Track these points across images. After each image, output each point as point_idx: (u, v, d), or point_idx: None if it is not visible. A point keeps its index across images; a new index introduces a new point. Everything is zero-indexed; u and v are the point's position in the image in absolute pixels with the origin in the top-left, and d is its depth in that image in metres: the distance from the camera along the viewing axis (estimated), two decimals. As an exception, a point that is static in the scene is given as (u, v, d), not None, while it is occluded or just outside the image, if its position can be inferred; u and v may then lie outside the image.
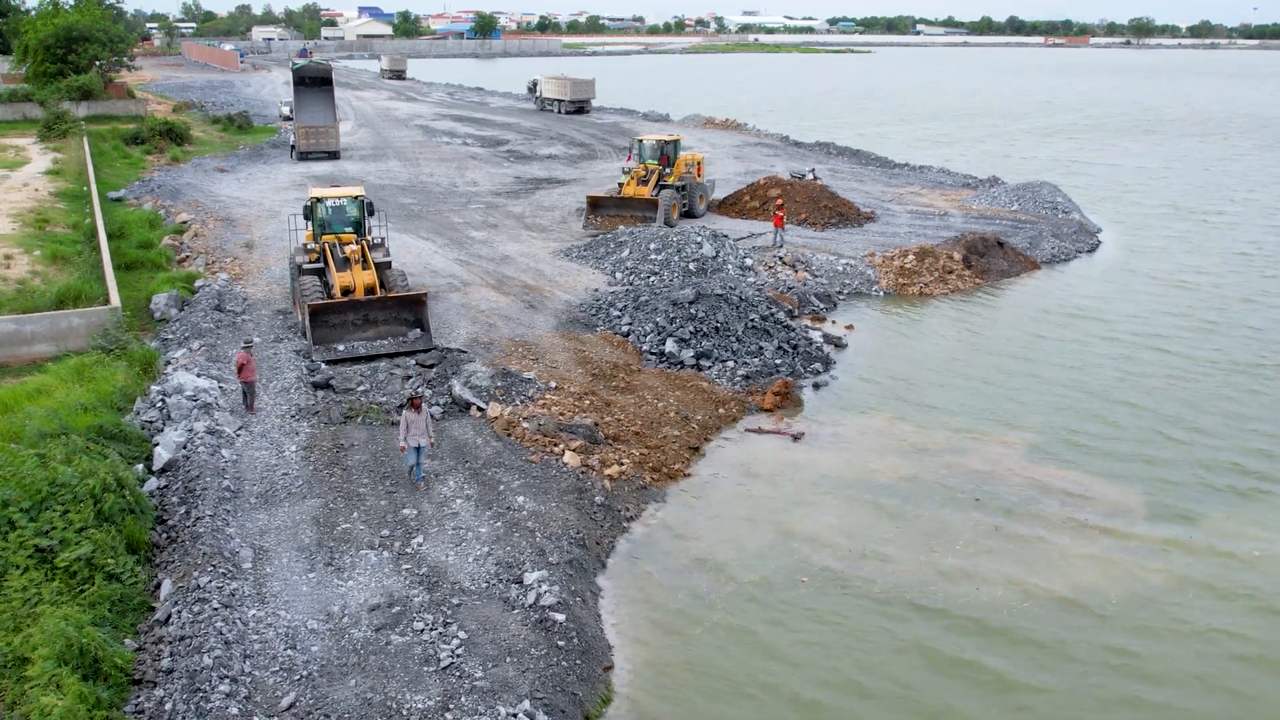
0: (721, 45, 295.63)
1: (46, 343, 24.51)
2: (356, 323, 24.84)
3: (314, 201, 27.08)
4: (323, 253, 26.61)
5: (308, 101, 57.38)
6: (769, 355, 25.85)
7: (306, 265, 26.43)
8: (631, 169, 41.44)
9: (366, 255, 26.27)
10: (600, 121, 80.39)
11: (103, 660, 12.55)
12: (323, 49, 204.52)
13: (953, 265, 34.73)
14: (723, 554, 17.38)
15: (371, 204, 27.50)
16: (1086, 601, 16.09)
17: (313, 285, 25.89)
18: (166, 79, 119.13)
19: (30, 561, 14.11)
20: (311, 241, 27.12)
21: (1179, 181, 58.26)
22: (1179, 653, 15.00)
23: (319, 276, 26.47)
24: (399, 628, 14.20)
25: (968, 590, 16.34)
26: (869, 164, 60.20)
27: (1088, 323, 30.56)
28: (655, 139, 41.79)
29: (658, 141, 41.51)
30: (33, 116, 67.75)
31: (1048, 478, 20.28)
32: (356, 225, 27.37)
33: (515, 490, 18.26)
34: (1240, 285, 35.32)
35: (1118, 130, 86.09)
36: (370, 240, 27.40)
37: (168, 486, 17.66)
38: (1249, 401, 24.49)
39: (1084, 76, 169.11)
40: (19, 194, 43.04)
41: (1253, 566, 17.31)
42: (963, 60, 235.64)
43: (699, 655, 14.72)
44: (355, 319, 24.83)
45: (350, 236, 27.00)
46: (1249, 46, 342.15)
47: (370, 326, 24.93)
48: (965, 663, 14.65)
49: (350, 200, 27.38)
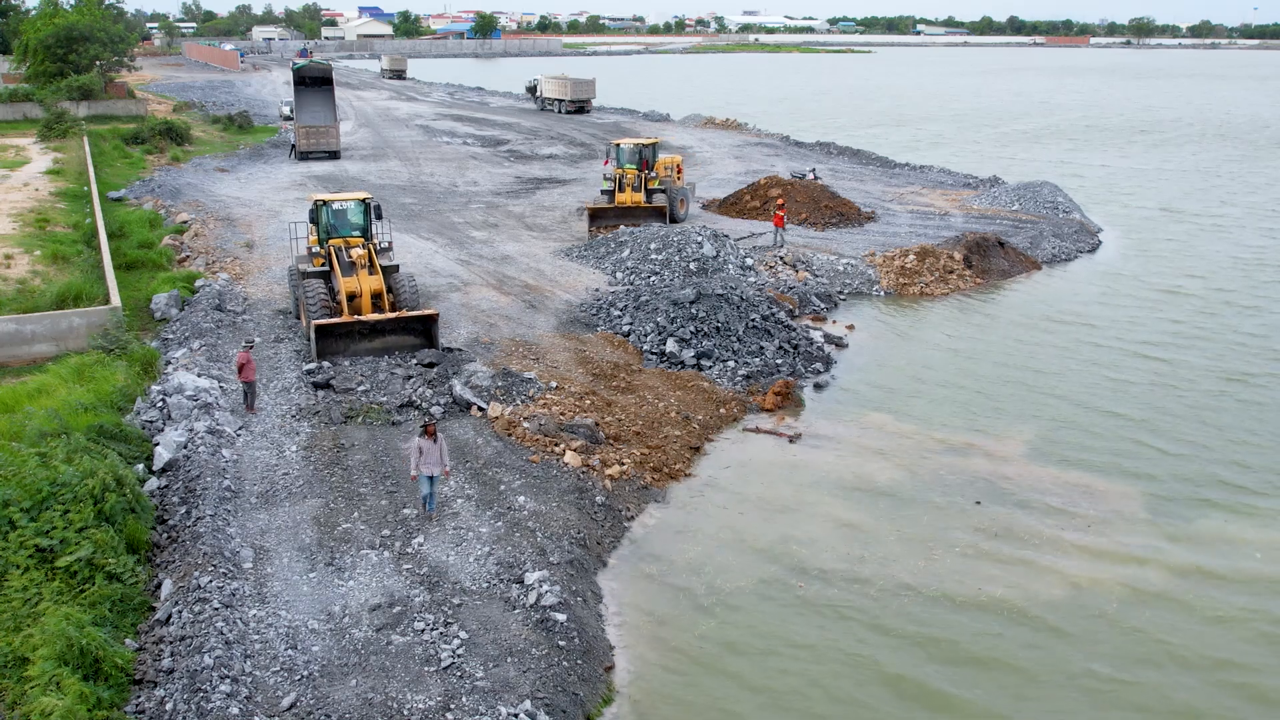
0: (722, 45, 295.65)
1: (47, 343, 24.51)
2: (363, 332, 24.16)
3: (319, 205, 26.51)
4: (329, 257, 25.99)
5: (308, 101, 57.41)
6: (770, 355, 25.84)
7: (312, 270, 25.76)
8: (610, 174, 40.20)
9: (374, 260, 25.60)
10: (601, 121, 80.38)
11: (103, 660, 12.54)
12: (323, 49, 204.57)
13: (953, 265, 34.71)
14: (723, 554, 17.36)
15: (379, 207, 26.85)
16: (1086, 604, 16.07)
17: (318, 290, 25.07)
18: (167, 79, 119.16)
19: (31, 561, 14.10)
20: (316, 245, 26.47)
21: (1176, 186, 58.24)
22: (1179, 653, 14.98)
23: (324, 281, 25.80)
24: (400, 628, 14.18)
25: (967, 591, 16.32)
26: (869, 164, 60.20)
27: (1088, 323, 30.53)
28: (633, 143, 40.48)
29: (635, 145, 40.26)
30: (33, 116, 67.80)
31: (1047, 479, 20.26)
32: (363, 229, 26.77)
33: (516, 490, 18.25)
34: (1240, 287, 35.29)
35: (1113, 135, 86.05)
36: (377, 244, 26.88)
37: (168, 486, 17.66)
38: (1249, 402, 24.47)
39: (1074, 79, 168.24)
40: (19, 194, 43.05)
41: (1252, 567, 17.29)
42: (958, 60, 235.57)
43: (700, 655, 14.71)
44: (362, 328, 24.12)
45: (357, 240, 26.40)
46: (1249, 46, 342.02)
47: (378, 336, 24.24)
48: (963, 664, 14.64)
49: (356, 204, 26.80)
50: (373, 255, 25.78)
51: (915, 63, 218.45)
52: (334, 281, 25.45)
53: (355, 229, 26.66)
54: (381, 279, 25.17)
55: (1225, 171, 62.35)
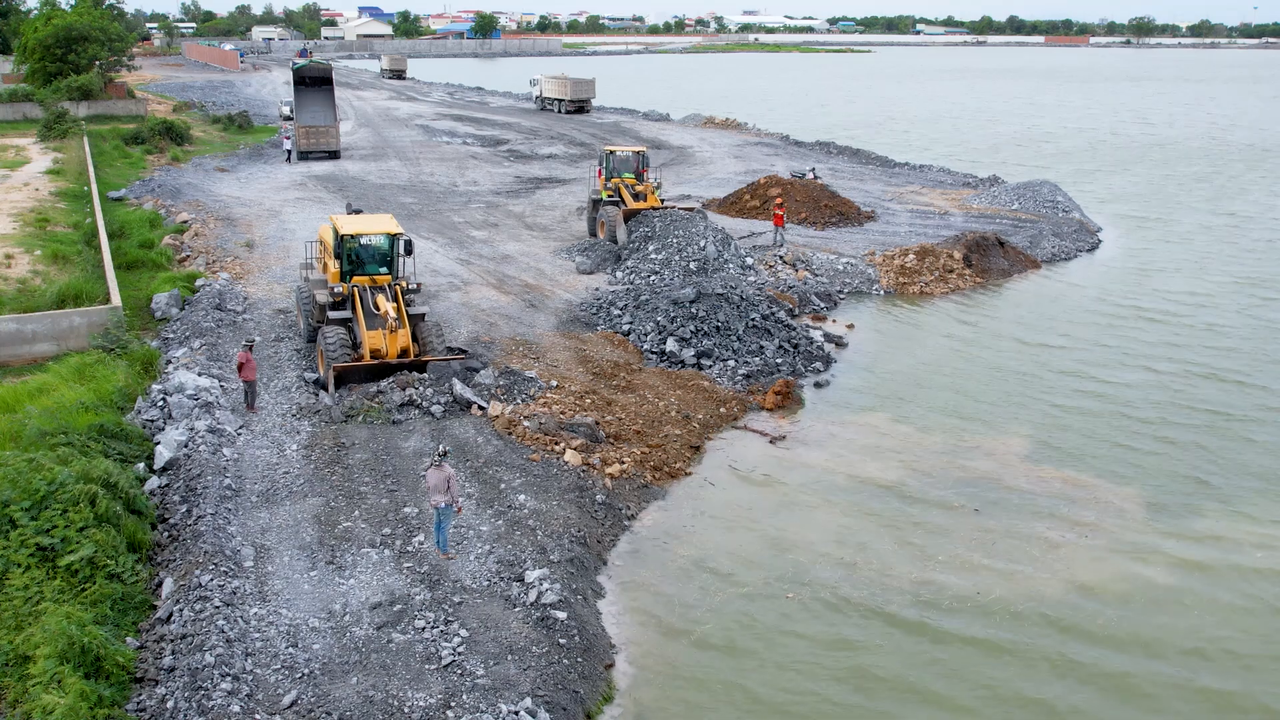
0: (721, 45, 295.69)
1: (47, 342, 24.52)
2: (382, 372, 22.28)
3: (343, 239, 23.23)
4: (351, 299, 23.14)
5: (308, 101, 57.44)
6: (770, 354, 25.86)
7: (334, 316, 22.98)
8: (605, 186, 36.50)
9: (402, 312, 22.75)
10: (600, 121, 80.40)
11: (104, 658, 12.57)
12: (323, 49, 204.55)
13: (953, 264, 34.73)
14: (723, 553, 17.37)
15: (410, 242, 23.42)
16: (1085, 605, 16.08)
17: (339, 340, 22.22)
18: (167, 79, 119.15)
19: (32, 560, 14.13)
20: (338, 284, 23.23)
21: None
22: (1179, 654, 14.99)
23: (345, 328, 23.01)
24: (400, 626, 14.20)
25: (967, 591, 16.34)
26: (869, 163, 60.21)
27: (1088, 323, 30.55)
28: (630, 150, 37.58)
29: (634, 153, 37.43)
30: (33, 116, 67.77)
31: (1047, 479, 20.28)
32: (389, 262, 23.93)
33: (516, 489, 18.26)
34: (1241, 288, 35.31)
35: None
36: (405, 283, 23.67)
37: (169, 485, 17.69)
38: (1249, 401, 24.49)
39: (1044, 84, 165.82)
40: (19, 194, 43.05)
41: (1252, 566, 17.31)
42: (956, 60, 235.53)
43: (700, 654, 14.72)
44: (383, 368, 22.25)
45: (385, 279, 23.47)
46: (1250, 46, 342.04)
47: (397, 371, 22.35)
48: (964, 664, 14.66)
49: (385, 238, 23.69)
50: (401, 304, 22.95)
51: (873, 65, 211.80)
52: (355, 328, 22.88)
53: (381, 263, 23.93)
54: (409, 332, 22.54)
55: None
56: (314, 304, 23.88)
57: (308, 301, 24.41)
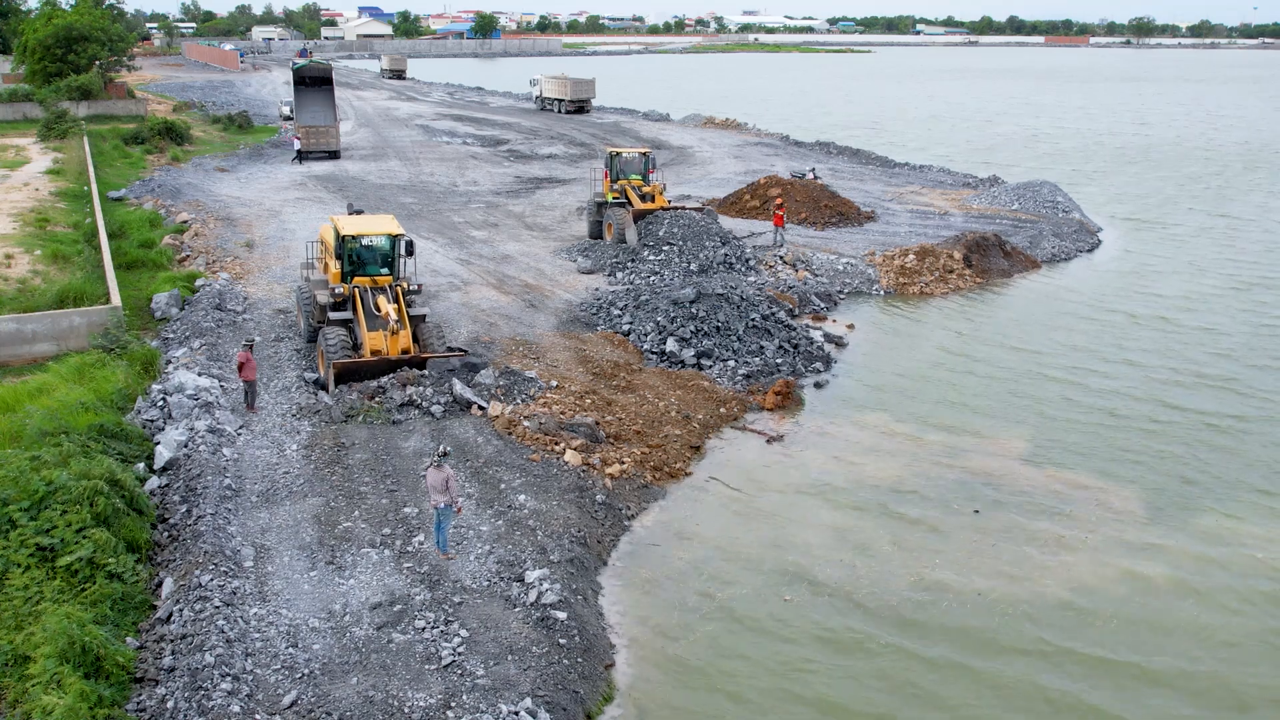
0: (721, 45, 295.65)
1: (47, 342, 24.52)
2: (383, 369, 22.35)
3: (344, 240, 23.38)
4: (352, 300, 23.23)
5: (308, 101, 57.45)
6: (770, 354, 25.86)
7: (334, 316, 23.07)
8: (612, 190, 36.18)
9: (403, 313, 22.78)
10: (600, 121, 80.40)
11: (104, 658, 12.57)
12: (323, 49, 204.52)
13: (953, 264, 34.73)
14: (723, 553, 17.38)
15: (411, 243, 23.71)
16: (1084, 605, 16.09)
17: (339, 341, 22.33)
18: (167, 79, 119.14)
19: (32, 560, 14.13)
20: (339, 284, 23.33)
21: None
22: (1178, 653, 15.00)
23: (346, 328, 23.07)
24: (400, 626, 14.20)
25: (966, 591, 16.34)
26: (869, 163, 60.20)
27: (1087, 322, 30.56)
28: (637, 151, 37.45)
29: (640, 154, 37.25)
30: (33, 116, 67.75)
31: (1046, 479, 20.28)
32: (389, 263, 24.00)
33: (516, 489, 18.26)
34: (1238, 291, 35.31)
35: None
36: (407, 284, 23.79)
37: (169, 485, 17.68)
38: (1248, 404, 24.48)
39: (1031, 85, 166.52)
40: (19, 194, 43.04)
41: (1251, 565, 17.31)
42: (956, 60, 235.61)
43: (700, 654, 14.72)
44: (383, 365, 22.32)
45: (386, 279, 23.56)
46: (1249, 46, 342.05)
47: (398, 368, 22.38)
48: (964, 665, 14.66)
49: (387, 239, 23.81)
50: (402, 305, 22.99)
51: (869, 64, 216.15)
52: (356, 329, 22.98)
53: (382, 265, 24.00)
54: (409, 334, 22.56)
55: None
56: (315, 304, 23.87)
57: (308, 302, 24.38)
